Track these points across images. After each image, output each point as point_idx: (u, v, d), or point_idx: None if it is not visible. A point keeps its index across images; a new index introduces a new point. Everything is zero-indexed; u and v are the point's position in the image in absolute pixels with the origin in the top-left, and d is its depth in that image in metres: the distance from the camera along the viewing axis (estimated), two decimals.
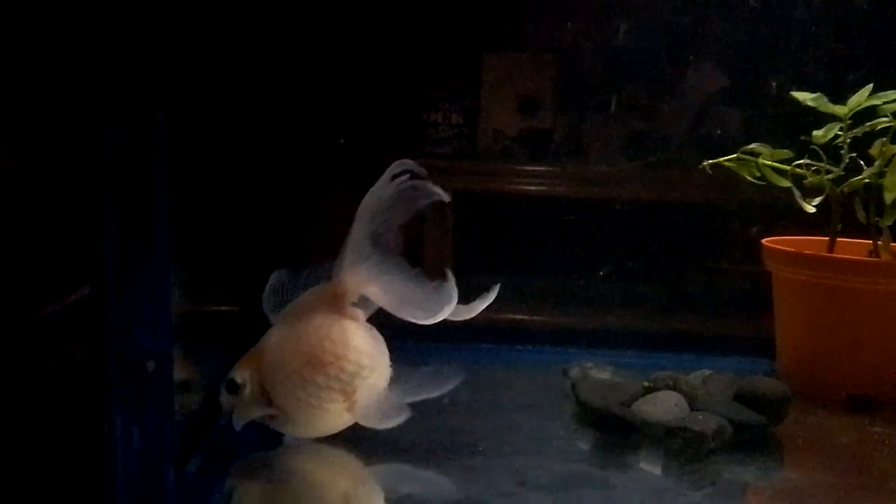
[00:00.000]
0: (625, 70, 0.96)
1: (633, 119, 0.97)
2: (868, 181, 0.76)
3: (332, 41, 0.92)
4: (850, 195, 0.78)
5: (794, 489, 0.60)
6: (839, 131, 0.76)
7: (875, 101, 0.75)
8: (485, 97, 1.00)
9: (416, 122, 1.00)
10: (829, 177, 0.77)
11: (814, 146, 0.77)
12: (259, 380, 0.60)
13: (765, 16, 0.91)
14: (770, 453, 0.66)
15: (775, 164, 0.79)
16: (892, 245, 0.78)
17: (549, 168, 0.99)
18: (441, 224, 0.98)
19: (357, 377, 0.59)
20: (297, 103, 0.91)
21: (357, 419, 0.60)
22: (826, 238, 0.81)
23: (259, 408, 0.60)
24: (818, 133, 0.77)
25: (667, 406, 0.68)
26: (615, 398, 0.70)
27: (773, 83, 0.91)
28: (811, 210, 0.77)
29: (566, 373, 0.77)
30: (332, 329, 0.59)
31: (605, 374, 0.75)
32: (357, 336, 0.59)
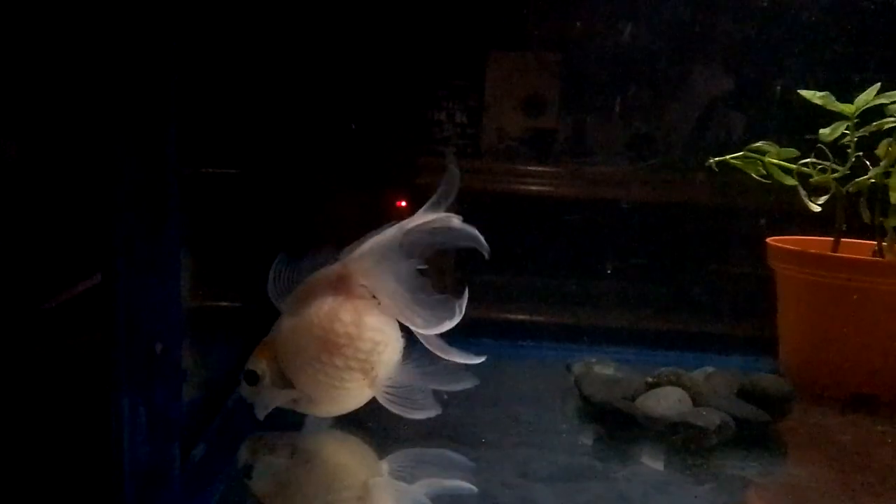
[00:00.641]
0: (630, 70, 0.96)
1: (637, 119, 0.97)
2: (874, 181, 0.76)
3: (338, 40, 0.93)
4: (855, 195, 0.78)
5: (796, 485, 0.60)
6: (846, 130, 0.77)
7: (882, 100, 0.75)
8: (489, 96, 1.00)
9: (420, 121, 1.00)
10: (835, 176, 0.77)
11: (820, 145, 0.77)
12: (277, 368, 0.61)
13: (770, 15, 0.91)
14: (772, 450, 0.66)
15: (781, 163, 0.79)
16: None
17: (553, 168, 0.99)
18: None
19: (373, 353, 0.60)
20: (302, 102, 0.92)
21: (388, 406, 0.61)
22: (830, 238, 0.81)
23: (281, 394, 0.61)
24: (825, 131, 0.77)
25: (670, 401, 0.68)
26: (618, 393, 0.70)
27: (779, 83, 0.91)
28: (816, 209, 0.77)
29: (570, 368, 0.77)
30: (343, 311, 0.60)
31: (609, 370, 0.75)
32: (368, 314, 0.60)
